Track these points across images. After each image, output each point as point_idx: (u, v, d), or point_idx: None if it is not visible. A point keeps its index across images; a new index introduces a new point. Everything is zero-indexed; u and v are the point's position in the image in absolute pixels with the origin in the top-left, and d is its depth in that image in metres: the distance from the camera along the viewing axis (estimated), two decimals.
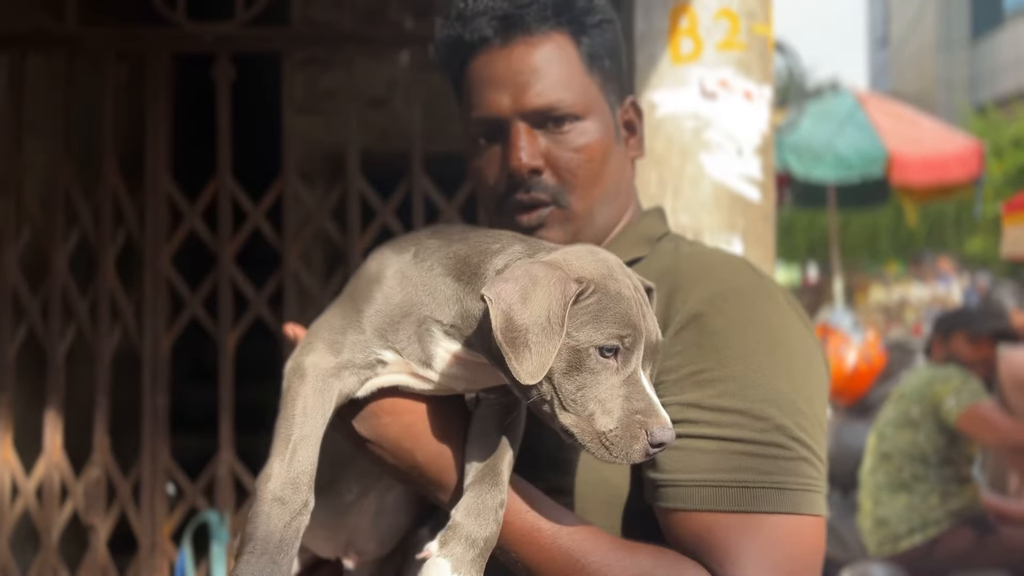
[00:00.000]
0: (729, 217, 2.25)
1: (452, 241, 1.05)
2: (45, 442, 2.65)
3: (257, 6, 2.61)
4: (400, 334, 1.02)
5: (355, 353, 1.02)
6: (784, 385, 1.07)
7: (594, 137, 1.23)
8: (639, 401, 0.91)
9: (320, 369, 1.00)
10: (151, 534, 2.63)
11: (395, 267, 1.06)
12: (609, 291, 0.93)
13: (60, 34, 2.64)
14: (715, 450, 1.04)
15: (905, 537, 3.81)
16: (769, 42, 2.30)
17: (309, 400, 0.99)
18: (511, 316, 0.90)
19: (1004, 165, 14.67)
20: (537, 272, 0.92)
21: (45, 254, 2.70)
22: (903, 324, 8.20)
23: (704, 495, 1.03)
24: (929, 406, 3.85)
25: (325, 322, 1.06)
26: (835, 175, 7.16)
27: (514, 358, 0.90)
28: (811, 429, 1.07)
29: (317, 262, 4.18)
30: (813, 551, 1.04)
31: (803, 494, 1.04)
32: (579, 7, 1.23)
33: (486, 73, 1.23)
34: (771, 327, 1.12)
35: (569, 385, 0.92)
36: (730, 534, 1.01)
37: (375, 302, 1.03)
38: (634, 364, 0.93)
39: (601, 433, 0.91)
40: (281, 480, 0.95)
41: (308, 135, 4.09)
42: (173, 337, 2.69)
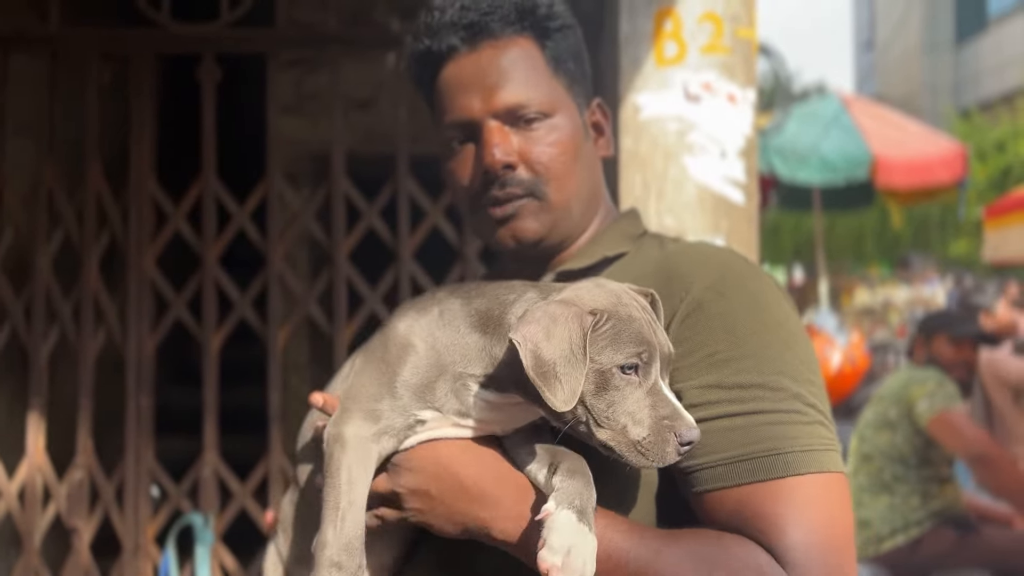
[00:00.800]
0: (713, 219, 2.26)
1: (471, 298, 1.14)
2: (28, 444, 2.63)
3: (242, 7, 2.61)
4: (437, 392, 1.11)
5: (394, 418, 1.11)
6: (792, 357, 1.14)
7: (564, 133, 1.29)
8: (664, 408, 1.01)
9: (360, 438, 1.09)
10: (135, 536, 2.62)
11: (423, 330, 1.14)
12: (621, 316, 1.03)
13: (43, 34, 2.63)
14: (742, 425, 1.09)
15: (887, 538, 3.83)
16: (753, 45, 2.31)
17: (353, 469, 1.08)
18: (538, 354, 0.99)
19: (987, 168, 14.76)
20: (555, 311, 1.02)
21: (28, 255, 2.68)
22: (888, 326, 8.24)
23: (740, 470, 1.08)
24: (905, 408, 3.88)
25: (361, 389, 1.13)
26: (820, 178, 7.21)
27: (547, 390, 0.99)
28: (820, 395, 1.15)
29: (302, 263, 4.17)
30: (845, 504, 1.09)
31: (827, 453, 1.09)
32: (541, 13, 1.30)
33: (456, 79, 1.29)
34: (771, 307, 1.18)
35: (600, 404, 1.01)
36: (767, 501, 1.06)
37: (408, 367, 1.11)
38: (654, 376, 1.02)
39: (636, 442, 1.00)
40: (336, 546, 1.05)
41: (294, 136, 4.08)
42: (157, 339, 2.68)
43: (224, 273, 2.68)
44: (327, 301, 2.71)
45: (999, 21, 20.27)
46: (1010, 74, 18.53)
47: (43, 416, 2.65)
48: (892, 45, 25.17)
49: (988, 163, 14.90)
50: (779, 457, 1.07)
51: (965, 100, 20.39)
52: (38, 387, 2.64)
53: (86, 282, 2.65)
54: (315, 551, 1.05)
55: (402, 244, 2.67)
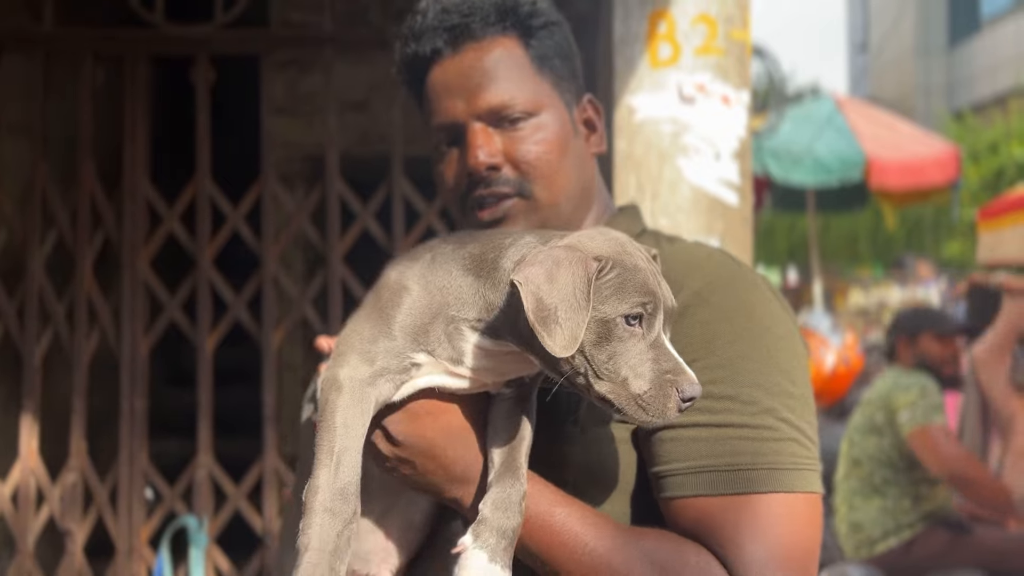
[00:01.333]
0: (707, 221, 2.27)
1: (465, 243, 1.11)
2: (21, 447, 2.63)
3: (236, 8, 2.60)
4: (431, 336, 1.07)
5: (389, 360, 1.06)
6: (771, 369, 1.12)
7: (551, 131, 1.28)
8: (666, 361, 0.98)
9: (356, 380, 1.05)
10: (128, 539, 2.61)
11: (416, 274, 1.10)
12: (626, 265, 0.99)
13: (37, 35, 2.62)
14: (708, 437, 1.08)
15: (880, 540, 3.83)
16: (747, 47, 2.32)
17: (348, 412, 1.03)
18: (540, 297, 0.96)
19: (981, 170, 14.78)
20: (559, 255, 0.98)
21: (22, 257, 2.67)
22: (882, 327, 8.25)
23: (700, 481, 1.07)
24: (890, 413, 3.86)
25: (354, 333, 1.10)
26: (814, 179, 7.21)
27: (547, 335, 0.95)
28: (799, 409, 1.12)
29: (297, 265, 4.16)
30: (809, 526, 1.08)
31: (795, 472, 1.08)
32: (523, 11, 1.29)
33: (440, 82, 1.29)
34: (756, 315, 1.16)
35: (600, 355, 0.97)
36: (727, 516, 1.05)
37: (402, 309, 1.08)
38: (657, 328, 0.99)
39: (637, 395, 0.97)
40: (330, 491, 1.00)
41: (288, 137, 4.07)
42: (151, 341, 2.67)
43: (218, 274, 2.68)
44: (322, 303, 2.71)
45: (992, 23, 20.32)
46: (1003, 76, 18.58)
47: (36, 418, 2.64)
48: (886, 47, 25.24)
49: (981, 164, 14.93)
50: (740, 473, 1.06)
51: (958, 102, 20.43)
52: (31, 389, 2.63)
53: (80, 283, 2.65)
54: (306, 497, 1.01)
55: (397, 245, 2.66)
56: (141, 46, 2.64)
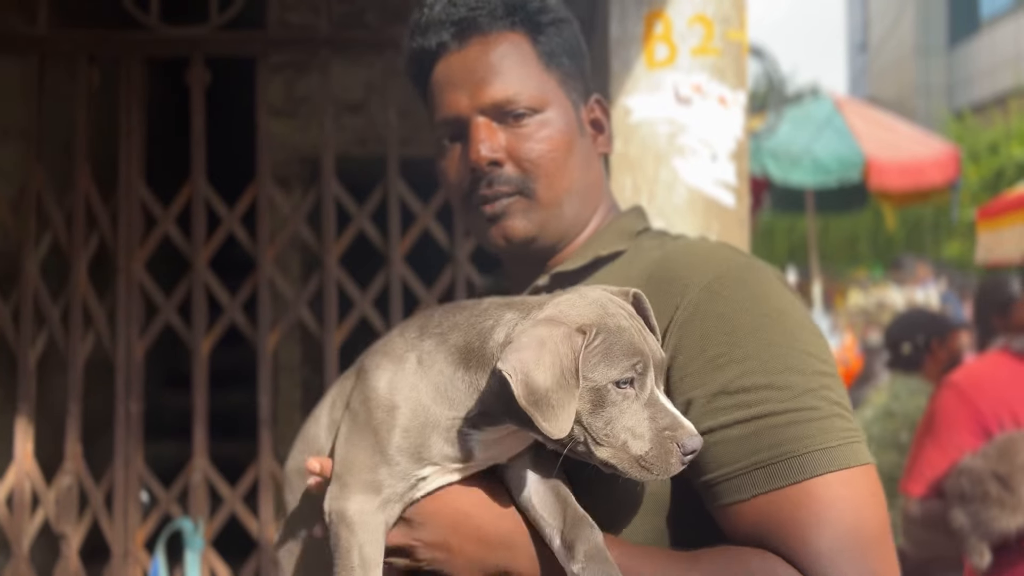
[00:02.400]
0: (704, 222, 2.26)
1: (446, 335, 1.08)
2: (16, 450, 2.62)
3: (232, 10, 2.60)
4: (433, 449, 1.06)
5: (395, 484, 1.06)
6: (798, 351, 1.09)
7: (556, 128, 1.25)
8: (663, 418, 0.97)
9: (366, 513, 1.05)
10: (124, 542, 2.60)
11: (405, 386, 1.08)
12: (610, 328, 0.98)
13: (32, 37, 2.61)
14: (753, 432, 1.04)
15: None
16: (744, 48, 2.31)
17: (365, 549, 1.04)
18: (530, 383, 0.95)
19: (981, 170, 14.79)
20: (542, 333, 0.97)
21: (16, 259, 2.67)
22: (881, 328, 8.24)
23: (755, 479, 1.03)
24: None
25: (354, 461, 1.08)
26: (813, 180, 7.20)
27: (542, 419, 0.94)
28: (834, 386, 1.10)
29: (293, 267, 4.16)
30: (872, 497, 1.04)
31: (847, 447, 1.04)
32: (532, 7, 1.27)
33: (445, 76, 1.26)
34: (771, 301, 1.13)
35: (597, 423, 0.97)
36: (789, 509, 1.01)
37: (398, 431, 1.06)
38: (649, 386, 0.98)
39: (638, 457, 0.97)
40: None
41: (285, 139, 4.07)
42: (147, 343, 2.66)
43: (214, 277, 2.67)
44: (318, 305, 2.70)
45: (991, 23, 20.32)
46: (1003, 76, 18.58)
47: (31, 421, 2.63)
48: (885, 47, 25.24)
49: (981, 165, 14.94)
50: (795, 460, 1.02)
51: (958, 102, 20.43)
52: (26, 391, 2.62)
53: (75, 286, 2.64)
54: None
55: (393, 247, 2.66)
56: (136, 48, 2.63)
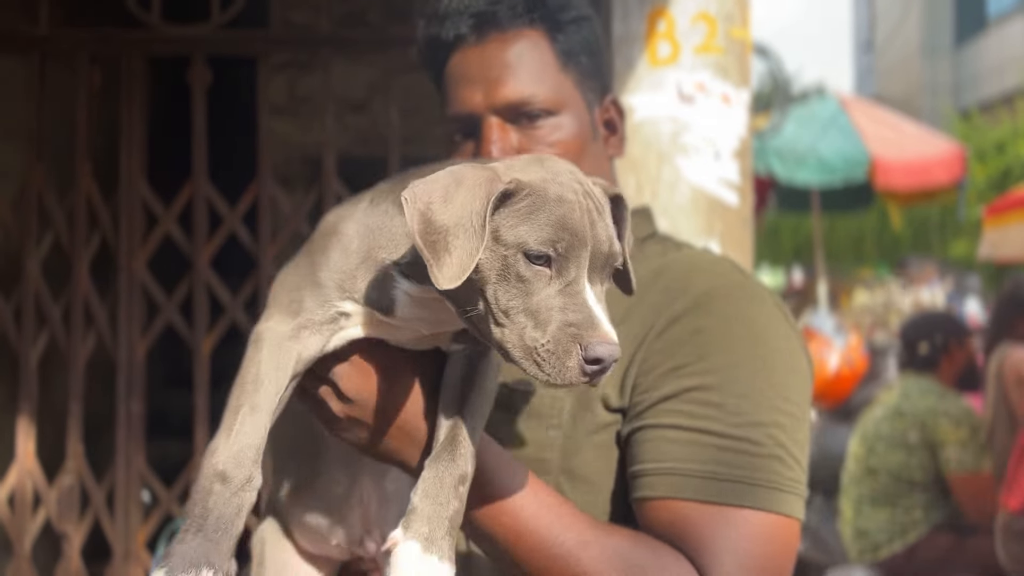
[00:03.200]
0: (707, 221, 2.25)
1: (406, 178, 0.97)
2: (18, 449, 2.62)
3: (233, 9, 2.59)
4: (359, 282, 0.96)
5: (314, 310, 0.96)
6: (764, 382, 1.08)
7: (569, 132, 1.23)
8: (576, 313, 0.83)
9: (276, 333, 0.95)
10: (125, 542, 2.60)
11: (350, 216, 1.01)
12: (547, 194, 0.86)
13: (33, 36, 2.61)
14: (687, 441, 1.05)
15: (885, 545, 3.79)
16: (747, 46, 2.29)
17: (262, 367, 0.93)
18: (429, 217, 0.84)
19: (987, 169, 14.73)
20: (464, 173, 0.86)
21: (18, 259, 2.66)
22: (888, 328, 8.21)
23: (674, 483, 1.04)
24: (929, 439, 3.68)
25: (281, 283, 1.01)
26: (818, 179, 7.18)
27: (434, 262, 0.83)
28: (789, 427, 1.08)
29: None
30: (782, 551, 1.05)
31: (773, 492, 1.04)
32: (553, 4, 1.24)
33: (460, 70, 1.24)
34: (754, 325, 1.13)
35: (501, 295, 0.85)
36: (702, 523, 1.02)
37: (332, 254, 0.98)
38: (573, 273, 0.85)
39: (531, 348, 0.83)
40: (224, 455, 0.89)
41: (288, 138, 4.06)
42: (148, 343, 2.66)
43: (215, 276, 2.66)
44: None
45: (998, 22, 20.25)
46: (1009, 75, 18.51)
47: (33, 421, 2.63)
48: (892, 46, 25.18)
49: (988, 164, 14.88)
50: (715, 482, 1.03)
51: (965, 101, 20.37)
52: (28, 391, 2.62)
53: (76, 285, 2.63)
54: (204, 457, 0.91)
55: None
56: (137, 47, 2.62)
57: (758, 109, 6.96)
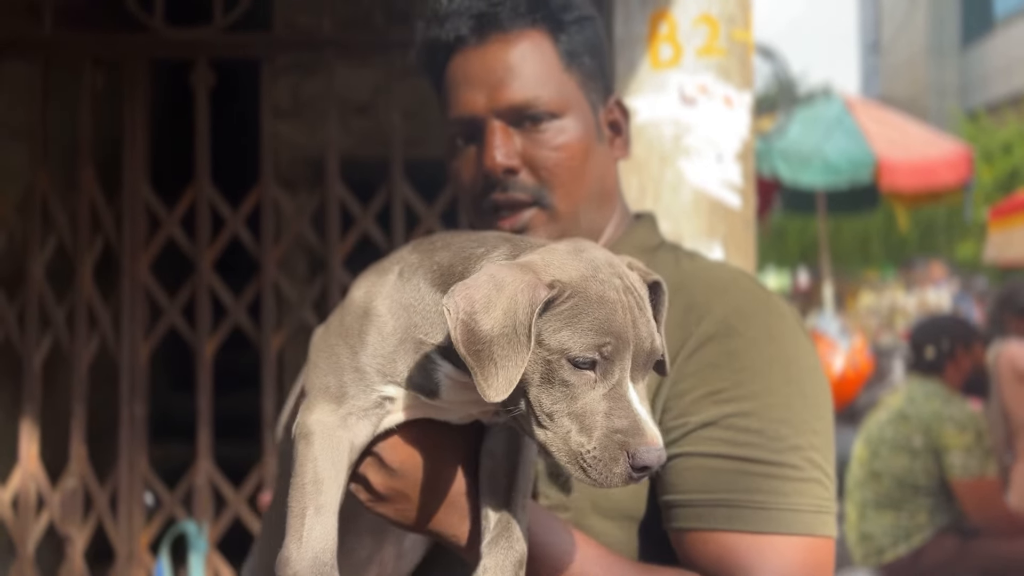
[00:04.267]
0: (709, 223, 2.24)
1: (435, 251, 0.98)
2: (21, 452, 2.62)
3: (236, 12, 2.59)
4: (399, 364, 0.94)
5: (358, 397, 0.94)
6: (798, 404, 1.08)
7: (573, 135, 1.20)
8: (622, 419, 0.82)
9: (324, 425, 0.93)
10: (128, 544, 2.60)
11: (381, 293, 0.98)
12: (589, 295, 0.84)
13: (37, 39, 2.62)
14: (732, 470, 1.04)
15: (889, 549, 3.77)
16: (749, 48, 2.29)
17: (319, 464, 0.91)
18: (472, 327, 0.82)
19: (995, 170, 14.70)
20: (504, 276, 0.84)
21: (22, 262, 2.67)
22: (893, 330, 8.19)
23: (721, 515, 1.03)
24: (933, 443, 3.65)
25: (319, 369, 0.98)
26: (824, 180, 7.17)
27: (479, 373, 0.81)
28: (823, 448, 1.08)
29: (300, 269, 4.15)
30: (825, 571, 1.06)
31: (816, 515, 1.05)
32: (555, 4, 1.21)
33: (462, 72, 1.21)
34: (784, 346, 1.12)
35: (545, 399, 0.83)
36: (748, 553, 1.02)
37: (368, 337, 0.96)
38: (617, 376, 0.83)
39: (577, 453, 0.82)
40: (301, 564, 0.88)
41: (291, 141, 4.07)
42: (151, 345, 2.66)
43: (218, 279, 2.67)
44: (322, 306, 2.69)
45: (1006, 23, 20.19)
46: (1017, 76, 18.47)
47: (37, 423, 2.63)
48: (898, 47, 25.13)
49: (995, 165, 14.85)
50: (763, 511, 1.03)
51: (972, 102, 20.31)
52: (32, 394, 2.62)
53: (80, 288, 2.64)
54: (277, 570, 0.89)
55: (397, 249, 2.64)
56: (141, 50, 2.63)
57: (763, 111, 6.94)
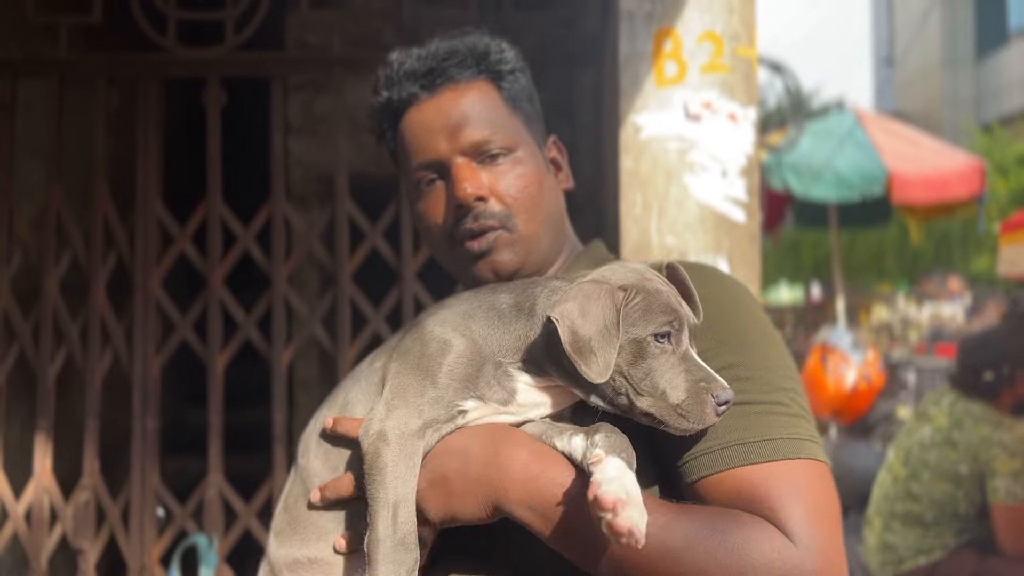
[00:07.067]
0: (715, 238, 2.26)
1: (497, 293, 1.21)
2: (35, 465, 2.65)
3: (248, 31, 2.63)
4: (480, 383, 1.15)
5: (437, 411, 1.14)
6: (774, 354, 1.21)
7: (529, 167, 1.37)
8: (698, 372, 1.08)
9: (404, 434, 1.12)
10: (140, 557, 2.62)
11: (458, 326, 1.18)
12: (649, 290, 1.10)
13: (52, 59, 2.67)
14: (733, 414, 1.13)
15: (910, 559, 3.74)
16: (753, 64, 2.31)
17: (400, 465, 1.10)
18: (575, 330, 1.06)
19: (1009, 183, 14.62)
20: (588, 289, 1.09)
21: (36, 277, 2.71)
22: (907, 344, 8.15)
23: (734, 454, 1.12)
24: (980, 469, 3.56)
25: (403, 387, 1.16)
26: (835, 194, 7.16)
27: (584, 364, 1.05)
28: (800, 391, 1.22)
29: (310, 284, 4.18)
30: (833, 492, 1.14)
31: (812, 443, 1.15)
32: (493, 58, 1.40)
33: (419, 122, 1.37)
34: (752, 312, 1.26)
35: (638, 373, 1.08)
36: (767, 483, 1.10)
37: (448, 363, 1.15)
38: (684, 343, 1.09)
39: (676, 405, 1.06)
40: (391, 542, 1.07)
41: (304, 158, 4.11)
42: (163, 360, 2.69)
43: (229, 294, 2.70)
44: (332, 321, 2.72)
45: (1020, 35, 20.12)
46: None
47: (50, 437, 2.66)
48: (912, 60, 25.06)
49: (1010, 178, 14.77)
50: (769, 443, 1.12)
51: (986, 115, 20.23)
52: (45, 408, 2.66)
53: (93, 303, 2.67)
54: (368, 549, 1.06)
55: (405, 264, 2.67)
56: (154, 70, 2.67)
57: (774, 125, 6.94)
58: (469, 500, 1.13)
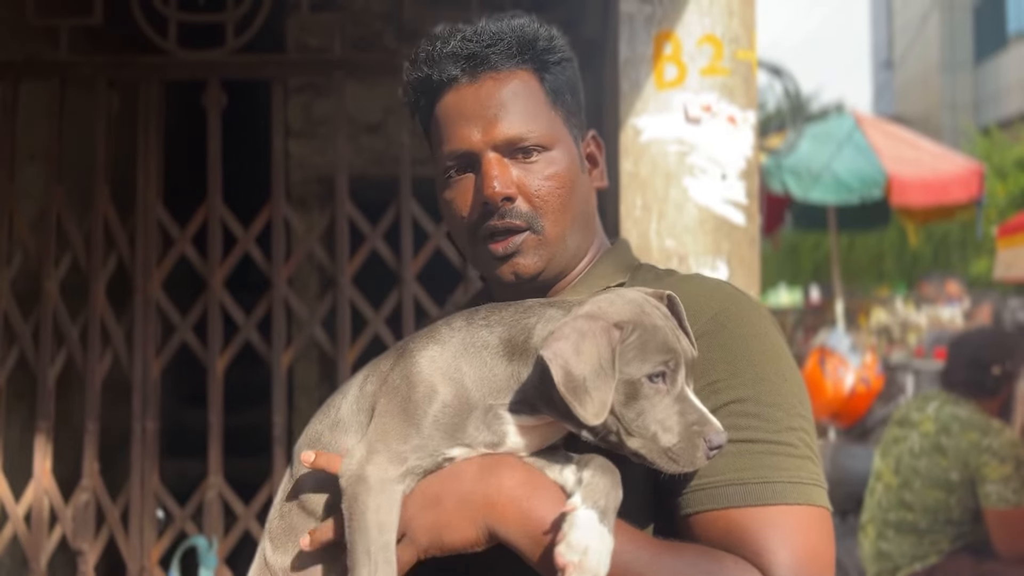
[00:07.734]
0: (714, 241, 2.26)
1: (491, 326, 1.15)
2: (35, 467, 2.65)
3: (248, 34, 2.64)
4: (468, 429, 1.11)
5: (421, 459, 1.10)
6: (786, 391, 1.17)
7: (562, 166, 1.30)
8: (692, 414, 1.04)
9: (385, 481, 1.08)
10: (139, 559, 2.62)
11: (448, 367, 1.13)
12: (646, 326, 1.05)
13: (54, 62, 2.67)
14: (736, 452, 1.11)
15: (905, 567, 3.73)
16: (753, 67, 2.32)
17: (381, 512, 1.07)
18: (569, 369, 1.01)
19: (1008, 187, 14.62)
20: (582, 326, 1.04)
21: (37, 279, 2.71)
22: (906, 347, 8.15)
23: (730, 493, 1.10)
24: (970, 475, 3.53)
25: (387, 430, 1.12)
26: (834, 197, 7.16)
27: (578, 405, 1.01)
28: (810, 431, 1.18)
29: (310, 286, 4.19)
30: (828, 539, 1.12)
31: (815, 488, 1.12)
32: (541, 46, 1.31)
33: (456, 109, 1.30)
34: (769, 341, 1.21)
35: (630, 414, 1.03)
36: (759, 526, 1.08)
37: (435, 407, 1.10)
38: (680, 382, 1.05)
39: (667, 449, 1.03)
40: None
41: (304, 160, 4.12)
42: (163, 362, 2.70)
43: (229, 296, 2.70)
44: (332, 323, 2.72)
45: (1019, 39, 20.13)
46: None
47: (50, 439, 2.67)
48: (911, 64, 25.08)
49: (1008, 181, 14.77)
50: (768, 485, 1.10)
51: (985, 118, 20.24)
52: (45, 410, 2.66)
53: (93, 305, 2.68)
54: None
55: (405, 266, 2.68)
56: (154, 72, 2.68)
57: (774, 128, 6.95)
58: (462, 522, 1.10)
